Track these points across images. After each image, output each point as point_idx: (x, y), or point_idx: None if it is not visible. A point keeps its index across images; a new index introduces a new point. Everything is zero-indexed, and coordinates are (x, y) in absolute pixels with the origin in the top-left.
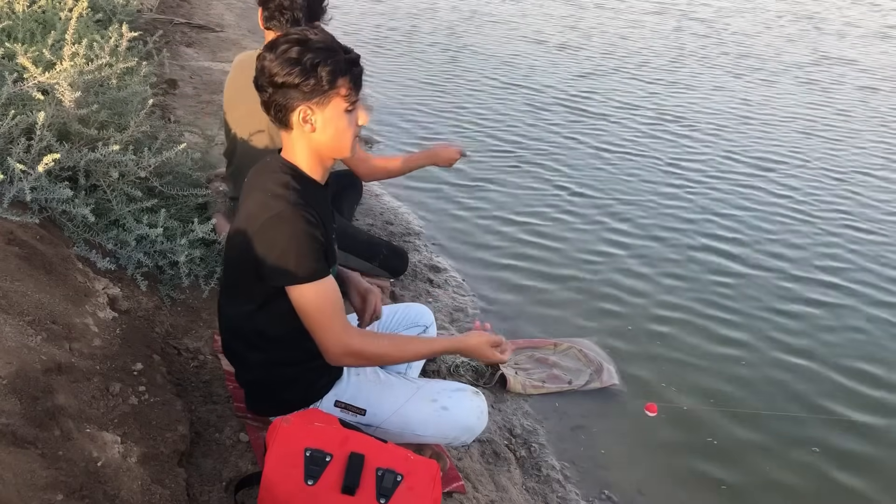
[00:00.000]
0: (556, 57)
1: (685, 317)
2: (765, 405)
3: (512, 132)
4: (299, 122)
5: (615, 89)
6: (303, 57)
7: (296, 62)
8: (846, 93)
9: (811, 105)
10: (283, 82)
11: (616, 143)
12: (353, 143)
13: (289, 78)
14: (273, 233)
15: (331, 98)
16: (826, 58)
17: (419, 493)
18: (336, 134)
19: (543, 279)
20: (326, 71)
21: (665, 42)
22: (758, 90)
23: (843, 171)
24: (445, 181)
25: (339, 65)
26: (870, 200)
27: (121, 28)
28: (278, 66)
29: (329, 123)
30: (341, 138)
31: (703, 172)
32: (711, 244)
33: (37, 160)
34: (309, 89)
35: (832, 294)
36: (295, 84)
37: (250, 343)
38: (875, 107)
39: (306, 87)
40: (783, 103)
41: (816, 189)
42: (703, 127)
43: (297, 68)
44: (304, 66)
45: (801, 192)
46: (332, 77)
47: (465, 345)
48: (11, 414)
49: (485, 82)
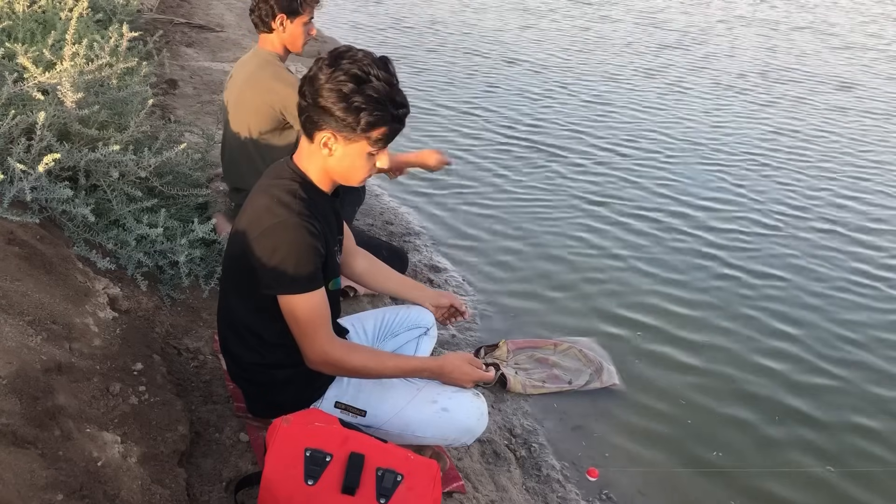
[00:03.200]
0: (569, 58)
1: (688, 316)
2: (767, 411)
3: (513, 131)
4: (320, 143)
5: (621, 86)
6: (352, 97)
7: (344, 98)
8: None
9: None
10: (324, 105)
11: (623, 143)
12: (364, 179)
13: (331, 106)
14: (274, 241)
15: (359, 139)
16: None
17: (419, 493)
18: (350, 168)
19: (544, 279)
20: (366, 120)
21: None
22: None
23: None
24: (445, 181)
25: (383, 119)
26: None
27: (121, 28)
28: (327, 91)
29: (347, 157)
30: (355, 173)
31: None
32: (721, 240)
33: (37, 160)
34: (343, 124)
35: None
36: (333, 113)
37: (246, 344)
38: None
39: (343, 121)
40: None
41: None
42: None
43: (342, 104)
44: (348, 105)
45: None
46: (368, 127)
47: (443, 369)
48: (11, 414)
49: (484, 75)
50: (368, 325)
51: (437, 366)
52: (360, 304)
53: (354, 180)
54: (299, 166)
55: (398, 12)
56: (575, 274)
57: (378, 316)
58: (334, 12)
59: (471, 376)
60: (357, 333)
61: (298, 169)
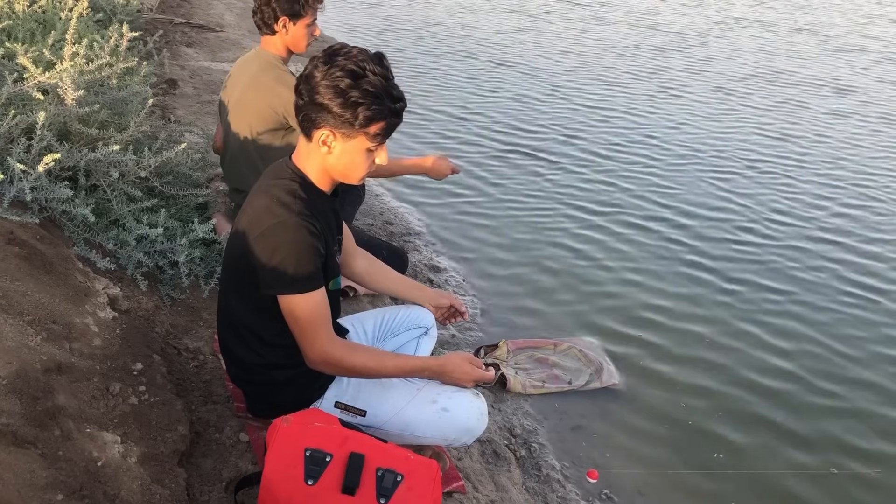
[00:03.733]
0: (565, 63)
1: (688, 316)
2: (767, 412)
3: (514, 133)
4: (319, 142)
5: (620, 93)
6: (349, 92)
7: (341, 93)
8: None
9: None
10: (321, 102)
11: (625, 143)
12: (364, 177)
13: (328, 103)
14: (274, 241)
15: (358, 135)
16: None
17: (419, 493)
18: (350, 165)
19: (544, 279)
20: (364, 115)
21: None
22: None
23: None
24: (445, 181)
25: (381, 113)
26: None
27: (121, 28)
28: (324, 88)
29: (346, 154)
30: (354, 170)
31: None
32: (725, 239)
33: (37, 160)
34: (341, 120)
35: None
36: (330, 110)
37: (246, 344)
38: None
39: (340, 117)
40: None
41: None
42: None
43: (339, 99)
44: (346, 100)
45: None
46: (366, 122)
47: (444, 368)
48: (11, 414)
49: (481, 81)
50: (368, 325)
51: (438, 365)
52: (360, 304)
53: (354, 178)
54: (298, 166)
55: (396, 14)
56: (575, 274)
57: (378, 316)
58: (331, 14)
59: (471, 375)
60: (357, 333)
61: (298, 169)
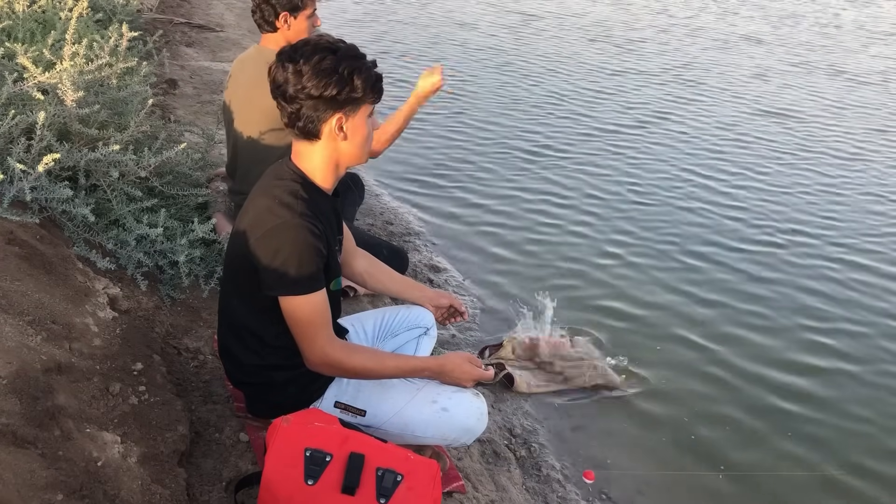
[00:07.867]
0: (567, 64)
1: (689, 317)
2: (767, 414)
3: (516, 129)
4: (333, 131)
5: (628, 89)
6: (338, 66)
7: (332, 72)
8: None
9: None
10: (319, 94)
11: (628, 144)
12: (369, 146)
13: (326, 90)
14: (276, 242)
15: (361, 105)
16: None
17: (419, 493)
18: (362, 140)
19: (544, 279)
20: (361, 79)
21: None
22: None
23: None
24: (446, 181)
25: (370, 72)
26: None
27: (121, 28)
28: (313, 79)
29: (357, 130)
30: (364, 143)
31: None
32: (722, 241)
33: (37, 160)
34: (344, 98)
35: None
36: (332, 95)
37: (246, 345)
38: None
39: (342, 96)
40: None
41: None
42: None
43: (334, 78)
44: (341, 76)
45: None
46: (365, 85)
47: (443, 368)
48: (11, 414)
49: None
50: (368, 325)
51: (438, 365)
52: (360, 304)
53: (364, 153)
54: (298, 167)
55: (395, 14)
56: (576, 274)
57: (378, 316)
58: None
59: (471, 375)
60: (357, 333)
61: (298, 169)
